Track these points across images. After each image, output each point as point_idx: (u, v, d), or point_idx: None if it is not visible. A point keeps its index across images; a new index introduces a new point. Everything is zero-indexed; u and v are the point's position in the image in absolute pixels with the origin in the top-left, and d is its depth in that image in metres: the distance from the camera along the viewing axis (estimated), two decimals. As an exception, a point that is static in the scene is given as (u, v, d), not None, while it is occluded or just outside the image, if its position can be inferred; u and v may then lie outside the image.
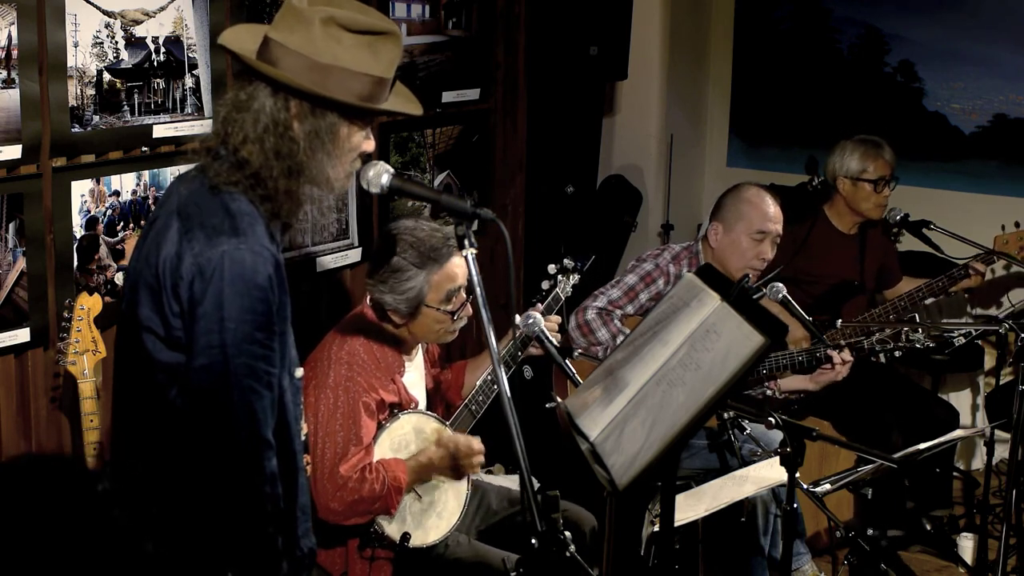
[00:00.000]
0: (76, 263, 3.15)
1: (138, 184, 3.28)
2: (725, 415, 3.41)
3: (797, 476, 2.94)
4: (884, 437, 4.47)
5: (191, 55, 3.38)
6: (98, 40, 3.13)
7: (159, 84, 3.31)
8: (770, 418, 2.96)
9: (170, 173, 3.31)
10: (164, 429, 2.31)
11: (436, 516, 3.32)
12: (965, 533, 4.61)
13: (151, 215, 2.51)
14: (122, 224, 3.25)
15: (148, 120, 3.29)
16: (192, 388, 2.25)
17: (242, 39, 2.35)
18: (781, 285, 3.75)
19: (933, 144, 5.58)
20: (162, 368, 2.28)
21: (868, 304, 4.77)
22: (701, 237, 4.18)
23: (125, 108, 3.23)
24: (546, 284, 3.59)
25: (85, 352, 2.96)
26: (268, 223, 2.32)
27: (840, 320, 4.34)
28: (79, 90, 3.09)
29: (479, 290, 2.33)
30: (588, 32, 5.06)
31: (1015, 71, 5.37)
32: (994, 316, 5.14)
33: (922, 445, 3.51)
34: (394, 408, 3.29)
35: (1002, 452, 4.59)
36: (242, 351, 2.21)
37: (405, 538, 3.19)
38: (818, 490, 3.29)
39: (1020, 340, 3.85)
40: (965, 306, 5.46)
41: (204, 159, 2.33)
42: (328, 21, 2.26)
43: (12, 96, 2.94)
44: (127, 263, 3.00)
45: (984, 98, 5.48)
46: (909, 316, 4.42)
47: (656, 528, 3.06)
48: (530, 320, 3.26)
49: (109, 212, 3.22)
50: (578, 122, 5.42)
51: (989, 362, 5.39)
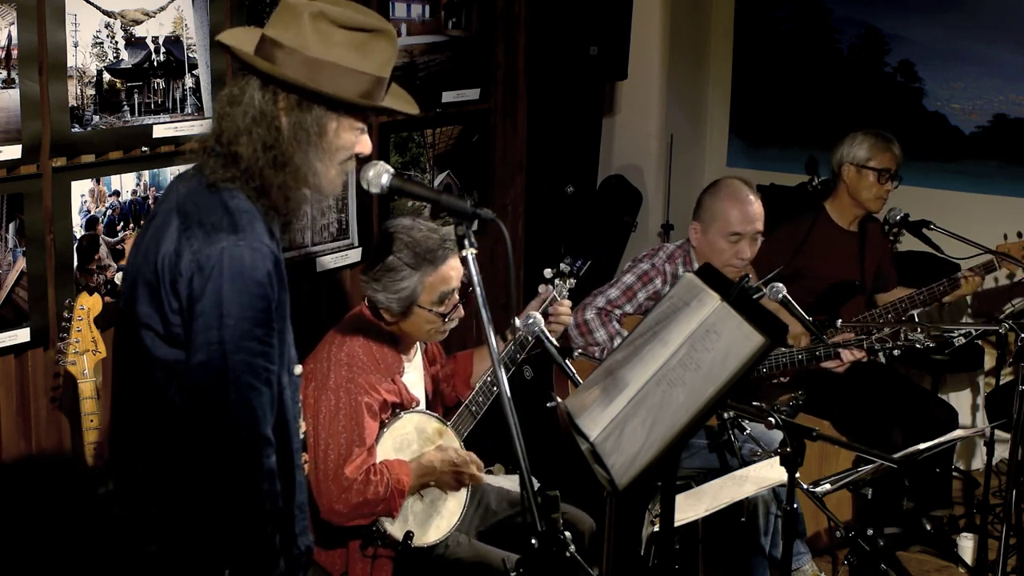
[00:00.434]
0: (76, 263, 3.15)
1: (138, 184, 3.28)
2: (725, 415, 3.41)
3: (797, 476, 2.94)
4: (884, 437, 4.47)
5: (191, 55, 3.38)
6: (98, 40, 3.13)
7: (159, 84, 3.31)
8: (770, 418, 2.97)
9: (170, 173, 3.31)
10: (163, 426, 2.31)
11: (437, 516, 3.32)
12: (965, 533, 4.61)
13: (150, 212, 2.50)
14: (122, 224, 3.25)
15: (148, 120, 3.29)
16: (191, 385, 2.25)
17: (240, 38, 2.36)
18: (781, 285, 3.75)
19: (933, 144, 5.58)
20: (161, 365, 2.28)
21: (867, 304, 4.77)
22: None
23: (125, 108, 3.23)
24: (542, 288, 3.58)
25: (85, 352, 2.96)
26: (267, 220, 2.32)
27: (840, 320, 4.33)
28: (79, 90, 3.09)
29: (479, 290, 2.33)
30: (588, 32, 5.06)
31: (1015, 71, 5.37)
32: (994, 316, 5.13)
33: (922, 445, 3.51)
34: (396, 408, 3.29)
35: (1002, 452, 4.59)
36: (241, 348, 2.21)
37: (408, 537, 3.19)
38: (818, 490, 3.29)
39: (1020, 340, 3.85)
40: (965, 306, 5.45)
41: (201, 158, 2.33)
42: (318, 16, 2.26)
43: (12, 96, 2.94)
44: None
45: (984, 98, 5.48)
46: (909, 316, 4.42)
47: (656, 528, 3.06)
48: (530, 320, 3.26)
49: (109, 212, 3.21)
50: (578, 122, 5.42)
51: (989, 362, 5.39)
